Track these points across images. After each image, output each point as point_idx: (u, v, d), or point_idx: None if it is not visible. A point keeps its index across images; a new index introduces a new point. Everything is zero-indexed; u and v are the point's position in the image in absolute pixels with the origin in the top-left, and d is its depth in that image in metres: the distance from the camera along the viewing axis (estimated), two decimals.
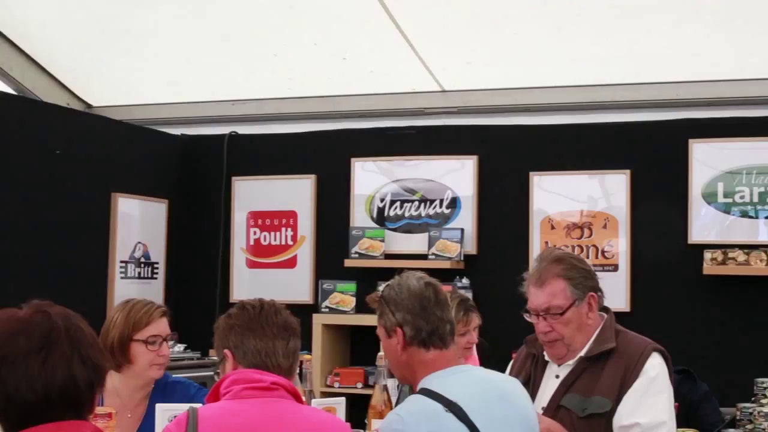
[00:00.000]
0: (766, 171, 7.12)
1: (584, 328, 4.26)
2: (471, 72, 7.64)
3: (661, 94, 7.45)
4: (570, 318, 4.22)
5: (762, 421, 5.08)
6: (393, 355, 3.57)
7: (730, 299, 7.11)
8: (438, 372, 3.47)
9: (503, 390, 3.56)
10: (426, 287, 3.57)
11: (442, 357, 3.51)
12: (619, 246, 7.35)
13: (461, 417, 3.30)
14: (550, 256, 4.41)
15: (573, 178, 7.49)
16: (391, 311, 3.53)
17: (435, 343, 3.50)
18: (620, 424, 4.10)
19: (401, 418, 3.29)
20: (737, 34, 6.87)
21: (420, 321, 3.49)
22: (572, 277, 4.25)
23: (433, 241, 7.56)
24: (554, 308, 4.20)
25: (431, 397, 3.35)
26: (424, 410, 3.31)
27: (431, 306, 3.53)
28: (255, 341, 3.29)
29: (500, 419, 3.41)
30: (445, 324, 3.54)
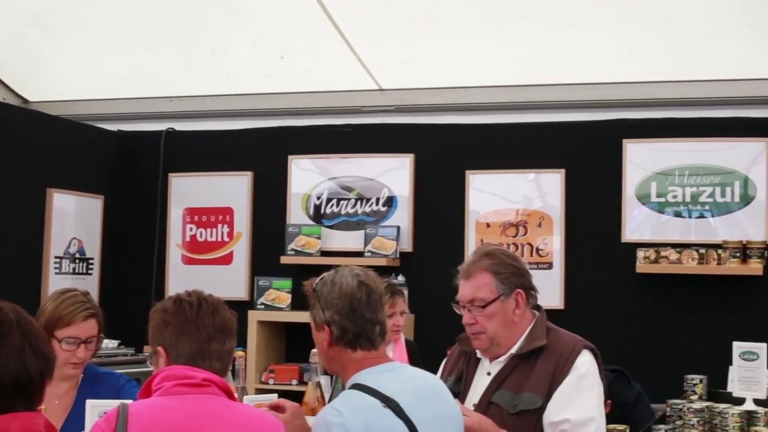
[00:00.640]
0: (699, 172, 7.24)
1: (510, 324, 4.28)
2: (408, 71, 7.67)
3: (595, 94, 7.54)
4: (494, 312, 4.24)
5: (691, 417, 5.13)
6: (321, 349, 3.57)
7: (662, 297, 7.22)
8: (370, 368, 3.47)
9: (433, 387, 3.60)
10: (359, 287, 3.54)
11: (371, 356, 3.51)
12: (554, 244, 7.43)
13: (399, 413, 3.31)
14: (482, 251, 4.45)
15: (508, 176, 7.56)
16: (321, 307, 3.52)
17: (362, 344, 3.50)
18: (550, 420, 4.13)
19: (339, 412, 3.27)
20: (671, 36, 6.96)
21: (347, 323, 3.48)
22: (499, 272, 4.28)
23: (369, 238, 7.59)
24: (478, 300, 4.23)
25: (367, 392, 3.35)
26: (363, 405, 3.31)
27: (361, 308, 3.51)
28: (190, 344, 3.25)
29: (433, 416, 3.45)
30: (374, 326, 3.52)
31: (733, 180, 7.19)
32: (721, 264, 6.96)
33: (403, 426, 3.31)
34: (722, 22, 6.82)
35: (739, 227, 7.16)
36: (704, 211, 7.23)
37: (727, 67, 7.25)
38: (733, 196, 7.18)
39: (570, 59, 7.28)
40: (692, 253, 7.01)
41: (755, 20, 6.80)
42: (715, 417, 5.10)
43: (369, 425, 3.26)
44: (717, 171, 7.22)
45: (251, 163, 8.14)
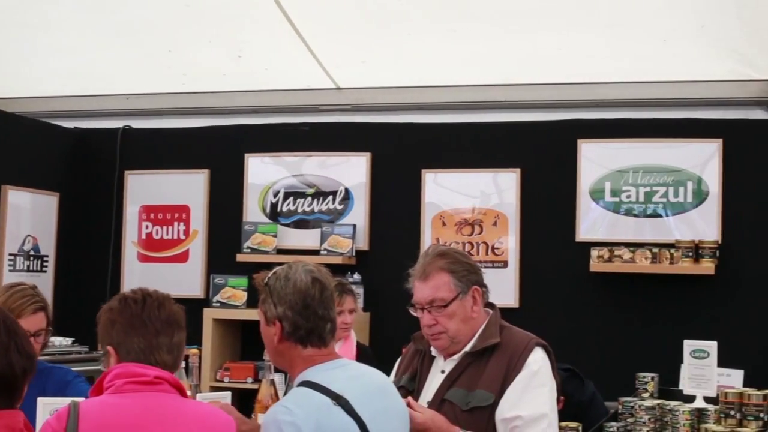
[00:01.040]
0: (652, 171, 7.31)
1: (469, 321, 4.31)
2: (365, 70, 7.68)
3: (551, 95, 7.60)
4: (454, 311, 4.27)
5: (643, 415, 5.20)
6: (269, 344, 3.55)
7: (615, 296, 7.29)
8: (319, 365, 3.46)
9: (380, 383, 3.61)
10: (313, 284, 3.52)
11: (320, 353, 3.51)
12: (509, 243, 7.48)
13: (349, 410, 3.32)
14: (434, 251, 4.48)
15: (464, 176, 7.61)
16: (273, 302, 3.49)
17: (313, 341, 3.49)
18: (502, 416, 4.16)
19: (289, 410, 3.26)
20: (625, 38, 7.01)
21: (300, 319, 3.46)
22: (456, 271, 4.31)
23: (326, 236, 7.61)
24: (438, 300, 4.26)
25: (317, 390, 3.35)
26: (313, 403, 3.31)
27: (314, 304, 3.49)
28: (138, 339, 3.25)
29: (382, 413, 3.46)
30: (326, 323, 3.51)
31: (686, 180, 7.27)
32: (674, 263, 7.04)
33: (353, 423, 3.32)
34: (675, 24, 6.88)
35: (692, 226, 7.24)
36: (658, 210, 7.30)
37: (680, 68, 7.33)
38: (686, 195, 7.26)
39: (526, 60, 7.32)
40: (645, 252, 7.08)
41: (707, 22, 6.86)
42: (666, 414, 5.16)
43: (320, 423, 3.26)
44: (670, 171, 7.30)
45: (208, 161, 8.13)
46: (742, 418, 4.95)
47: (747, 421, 4.92)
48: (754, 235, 7.18)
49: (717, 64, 7.31)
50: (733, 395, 4.99)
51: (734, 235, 7.18)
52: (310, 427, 3.23)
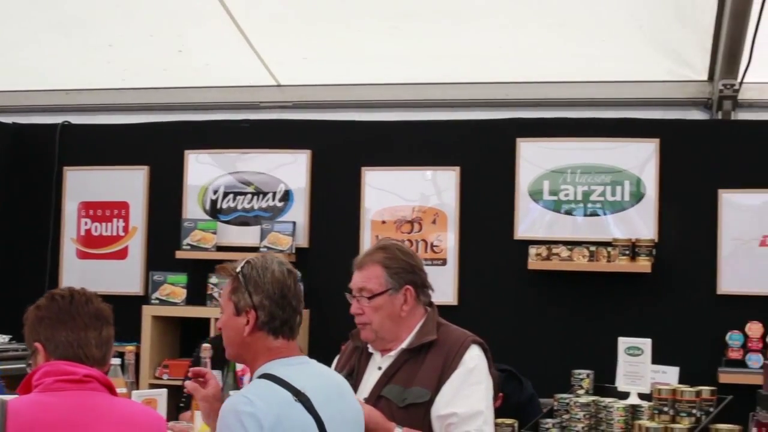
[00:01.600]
0: (591, 170, 7.37)
1: (396, 319, 4.35)
2: (307, 67, 7.69)
3: (491, 93, 7.64)
4: (380, 305, 4.32)
5: (578, 411, 5.25)
6: (236, 334, 3.51)
7: (553, 294, 7.34)
8: (282, 359, 3.46)
9: (339, 386, 3.62)
10: (288, 275, 3.54)
11: (287, 346, 3.51)
12: (448, 241, 7.51)
13: (309, 408, 3.32)
14: (379, 244, 4.56)
15: (404, 173, 7.61)
16: (248, 291, 3.48)
17: (285, 333, 3.49)
18: (438, 413, 4.20)
19: (251, 401, 3.25)
20: (564, 37, 7.07)
21: (277, 309, 3.47)
22: (390, 267, 4.35)
23: (265, 233, 7.59)
24: (366, 291, 4.31)
25: (279, 384, 3.34)
26: (275, 396, 3.30)
27: (290, 295, 3.51)
28: (66, 333, 3.24)
29: (339, 415, 3.47)
30: (296, 315, 3.53)
31: (624, 179, 7.34)
32: (611, 261, 7.10)
33: (312, 422, 3.33)
34: (614, 24, 6.95)
35: (630, 225, 7.31)
36: (596, 209, 7.37)
37: (619, 68, 7.40)
38: (624, 194, 7.33)
39: (466, 58, 7.35)
40: (583, 250, 7.14)
41: (646, 23, 6.94)
42: (600, 411, 5.21)
43: (280, 418, 3.25)
44: (609, 170, 7.36)
45: (148, 158, 8.08)
46: (675, 414, 5.01)
47: (680, 417, 4.98)
48: (690, 233, 7.27)
49: (655, 65, 7.39)
50: (667, 392, 5.06)
51: (671, 234, 7.26)
52: (270, 420, 3.22)
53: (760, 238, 7.22)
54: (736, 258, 7.22)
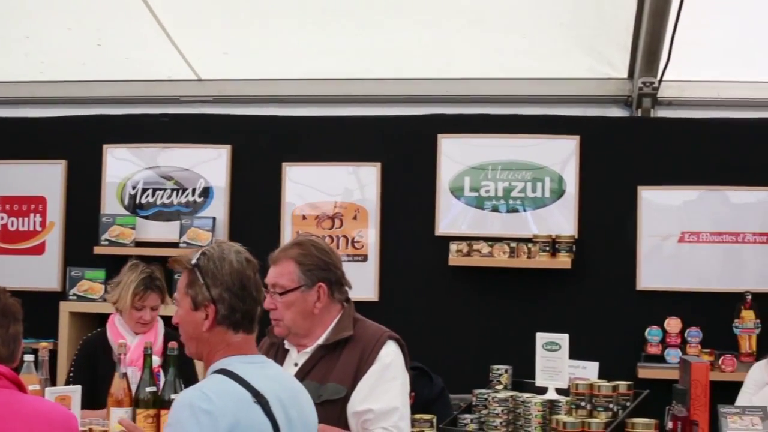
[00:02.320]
0: (511, 167, 7.40)
1: (309, 316, 4.32)
2: (227, 62, 7.64)
3: (412, 89, 7.65)
4: (292, 301, 4.29)
5: (496, 406, 5.23)
6: (194, 329, 3.39)
7: (474, 290, 7.37)
8: (240, 356, 3.35)
9: (296, 391, 3.50)
10: (247, 265, 3.41)
11: (247, 341, 3.40)
12: (369, 237, 7.49)
13: (267, 411, 3.23)
14: (295, 239, 4.54)
15: (325, 169, 7.59)
16: (206, 284, 3.35)
17: (245, 326, 3.37)
18: (354, 410, 4.19)
19: (208, 397, 3.14)
20: (485, 33, 7.10)
21: (237, 301, 3.34)
22: (304, 263, 4.33)
23: (185, 229, 7.53)
24: (278, 287, 4.28)
25: (238, 382, 3.24)
26: (234, 396, 3.20)
27: (250, 286, 3.39)
28: None
29: (294, 420, 3.37)
30: (257, 306, 3.42)
31: (545, 176, 7.38)
32: (532, 257, 7.14)
33: (269, 426, 3.23)
34: (534, 21, 7.00)
35: (551, 222, 7.36)
36: (516, 205, 7.40)
37: (540, 65, 7.44)
38: (545, 191, 7.37)
39: (387, 54, 7.36)
40: (503, 246, 7.17)
41: (566, 20, 6.99)
42: (518, 406, 5.21)
43: (237, 419, 3.15)
44: (529, 167, 7.40)
45: (66, 152, 7.95)
46: (592, 409, 5.02)
47: (597, 412, 4.99)
48: (609, 230, 7.34)
49: (576, 62, 7.45)
50: (584, 387, 5.07)
51: (590, 230, 7.32)
52: (228, 421, 3.12)
53: (679, 235, 7.31)
54: (656, 254, 7.31)
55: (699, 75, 7.45)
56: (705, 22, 6.80)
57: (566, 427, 4.93)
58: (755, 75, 7.36)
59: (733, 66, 7.27)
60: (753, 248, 7.26)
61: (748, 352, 6.96)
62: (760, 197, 7.29)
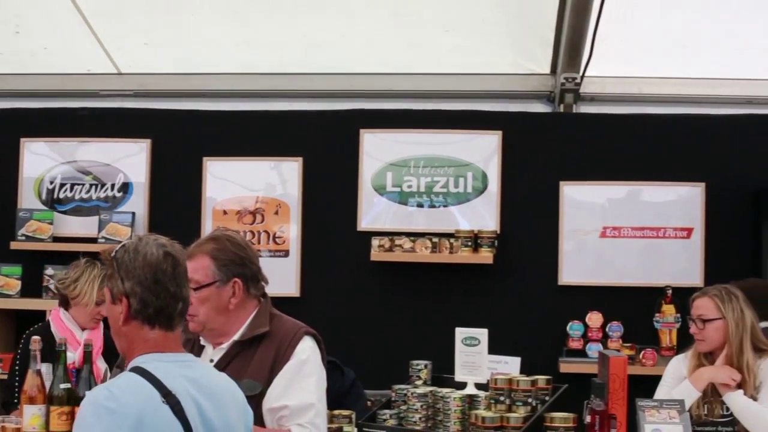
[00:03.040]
0: (434, 163, 7.41)
1: (224, 311, 4.29)
2: (148, 55, 7.56)
3: (334, 84, 7.61)
4: (207, 296, 4.25)
5: (415, 402, 5.23)
6: (114, 323, 3.32)
7: (396, 285, 7.36)
8: (159, 354, 3.26)
9: (220, 392, 3.38)
10: (165, 258, 3.30)
11: (166, 338, 3.30)
12: (291, 232, 7.44)
13: (177, 412, 3.13)
14: (211, 234, 4.50)
15: (246, 164, 7.54)
16: (120, 277, 3.27)
17: (161, 322, 3.27)
18: (269, 406, 4.16)
19: (113, 395, 3.07)
20: (408, 28, 7.08)
21: (149, 295, 3.25)
22: (219, 258, 4.29)
23: (104, 224, 7.41)
24: (193, 282, 4.19)
25: (149, 380, 3.15)
26: (140, 394, 3.11)
27: (165, 280, 3.28)
28: None
29: (211, 423, 3.25)
30: (177, 302, 3.31)
31: (468, 171, 7.38)
32: (454, 253, 7.14)
33: (179, 427, 3.13)
34: (457, 16, 6.99)
35: (473, 217, 7.38)
36: (439, 201, 7.39)
37: (463, 60, 7.44)
38: (467, 186, 7.37)
39: (310, 48, 7.32)
40: (426, 242, 7.16)
41: (489, 15, 6.99)
42: (438, 401, 5.21)
43: (141, 417, 3.06)
44: (452, 162, 7.40)
45: None
46: (511, 403, 5.03)
47: (516, 406, 5.01)
48: (531, 225, 7.37)
49: (499, 58, 7.47)
50: (503, 381, 5.08)
51: (512, 225, 7.34)
52: (131, 420, 3.04)
53: (601, 230, 7.35)
54: (577, 249, 7.35)
55: (621, 71, 7.50)
56: (627, 19, 6.85)
57: (485, 422, 4.94)
58: (677, 71, 7.42)
59: (654, 62, 7.34)
60: (674, 243, 7.32)
61: (669, 347, 7.01)
62: (681, 193, 7.35)
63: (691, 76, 7.41)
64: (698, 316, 5.52)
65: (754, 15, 6.80)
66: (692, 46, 7.09)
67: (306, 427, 4.16)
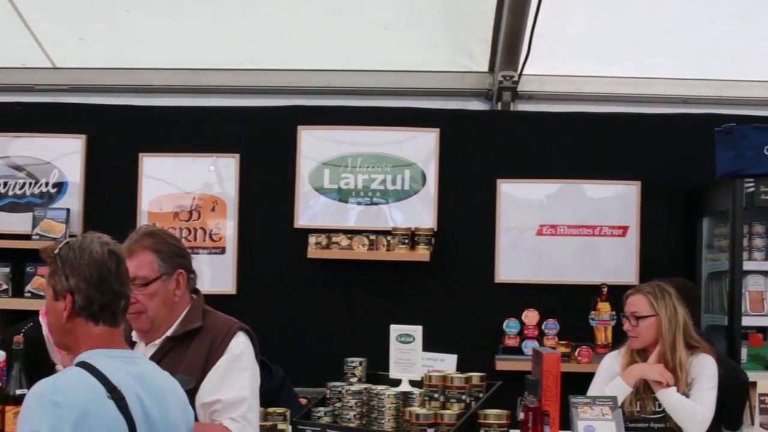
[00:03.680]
0: (371, 160, 7.41)
1: (170, 305, 4.28)
2: (84, 50, 7.49)
3: (272, 80, 7.58)
4: (155, 291, 4.24)
5: (350, 399, 5.20)
6: (56, 320, 3.32)
7: (333, 282, 7.35)
8: (104, 350, 3.26)
9: (163, 389, 3.39)
10: (109, 256, 3.32)
11: (111, 334, 3.31)
12: (227, 229, 7.40)
13: (122, 407, 3.14)
14: (143, 230, 4.46)
15: (183, 160, 7.49)
16: (65, 274, 3.28)
17: (106, 318, 3.28)
18: (202, 401, 4.14)
19: (58, 388, 3.08)
20: (346, 25, 7.08)
21: (94, 292, 3.26)
22: (162, 251, 4.28)
23: (38, 220, 7.34)
24: (140, 278, 4.21)
25: (94, 375, 3.15)
26: (86, 388, 3.11)
27: (110, 278, 3.30)
28: None
29: (154, 420, 3.26)
30: (120, 299, 3.33)
31: (405, 168, 7.39)
32: (391, 250, 7.15)
33: (123, 422, 3.13)
34: (394, 13, 7.00)
35: (411, 214, 7.39)
36: (376, 198, 7.39)
37: (401, 58, 7.45)
38: (405, 183, 7.38)
39: (247, 44, 7.30)
40: (363, 239, 7.16)
41: (426, 12, 7.00)
42: (372, 398, 5.19)
43: (86, 411, 3.06)
44: (390, 160, 7.40)
45: None
46: (445, 400, 5.03)
47: (450, 403, 5.00)
48: (469, 222, 7.39)
49: (437, 55, 7.48)
50: (437, 378, 5.07)
51: (449, 223, 7.36)
52: (76, 413, 3.04)
53: (537, 228, 7.38)
54: (514, 247, 7.37)
55: (559, 70, 7.55)
56: (564, 18, 6.90)
57: (419, 419, 4.93)
58: (614, 70, 7.49)
59: (591, 61, 7.41)
60: (610, 241, 7.38)
61: (604, 344, 7.06)
62: (618, 191, 7.41)
63: (627, 75, 7.49)
64: (632, 313, 5.56)
65: (690, 15, 6.86)
66: (629, 45, 7.15)
67: (238, 421, 4.15)
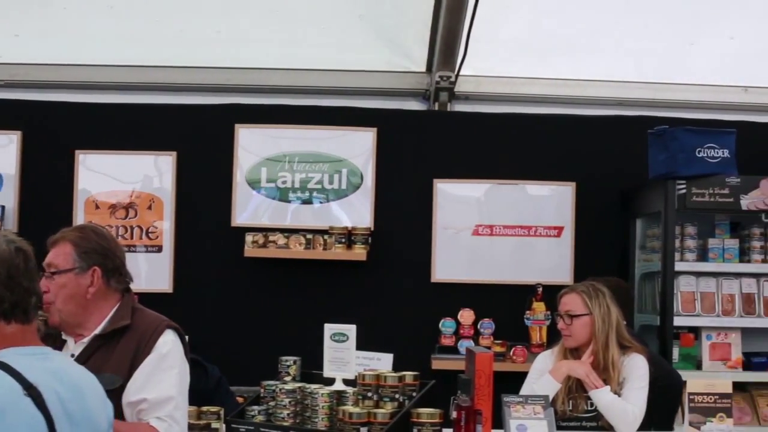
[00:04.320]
0: (309, 159, 7.42)
1: (81, 300, 4.23)
2: (19, 45, 7.41)
3: (209, 78, 7.55)
4: (64, 283, 4.21)
5: (284, 398, 5.20)
6: None
7: (270, 281, 7.36)
8: (17, 348, 3.19)
9: (79, 385, 3.31)
10: (17, 253, 3.22)
11: (24, 332, 3.22)
12: (164, 227, 7.38)
13: (39, 404, 3.07)
14: (78, 225, 4.52)
15: (120, 157, 7.45)
16: None
17: (17, 316, 3.20)
18: (129, 400, 4.11)
19: None
20: (285, 23, 7.08)
21: (4, 291, 3.16)
22: (80, 245, 4.25)
23: None
24: (52, 266, 4.22)
25: (10, 373, 3.08)
26: (1, 386, 3.03)
27: (19, 275, 3.20)
28: None
29: (73, 416, 3.19)
30: (31, 296, 3.24)
31: (342, 167, 7.40)
32: (327, 249, 7.16)
33: (41, 419, 3.07)
34: (333, 12, 7.01)
35: (348, 213, 7.43)
36: (314, 197, 7.39)
37: (339, 57, 7.46)
38: (342, 183, 7.40)
39: (185, 41, 7.27)
40: (299, 238, 7.16)
41: (365, 12, 7.02)
42: (306, 397, 5.20)
43: (3, 410, 2.99)
44: (327, 158, 7.41)
45: None
46: (379, 399, 5.04)
47: (383, 402, 5.02)
48: (405, 222, 7.42)
49: (375, 55, 7.49)
50: (370, 377, 5.08)
51: (386, 222, 7.38)
52: None
53: (473, 228, 7.42)
54: (450, 247, 7.40)
55: (495, 71, 7.59)
56: (501, 20, 6.95)
57: (352, 418, 4.93)
58: (549, 72, 7.54)
59: (528, 63, 7.46)
60: (545, 241, 7.44)
61: (539, 343, 7.11)
62: (553, 191, 7.47)
63: (563, 77, 7.55)
64: (566, 311, 5.61)
65: (625, 18, 6.93)
66: (564, 47, 7.22)
67: (165, 420, 4.13)
